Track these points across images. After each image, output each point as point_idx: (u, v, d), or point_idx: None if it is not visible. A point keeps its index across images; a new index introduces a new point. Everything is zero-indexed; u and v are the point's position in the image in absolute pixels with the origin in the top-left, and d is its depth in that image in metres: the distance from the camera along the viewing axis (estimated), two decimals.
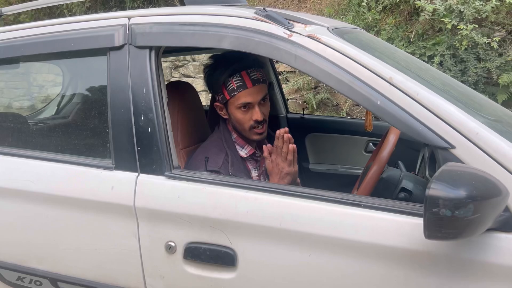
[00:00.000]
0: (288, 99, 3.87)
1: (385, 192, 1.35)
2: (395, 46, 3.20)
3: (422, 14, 2.98)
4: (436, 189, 0.86)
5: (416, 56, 3.12)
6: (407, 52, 3.16)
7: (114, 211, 1.31)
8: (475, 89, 2.98)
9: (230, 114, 1.55)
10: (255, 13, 1.29)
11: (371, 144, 2.37)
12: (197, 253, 1.23)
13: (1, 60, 1.60)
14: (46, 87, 5.13)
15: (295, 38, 1.21)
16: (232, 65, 1.49)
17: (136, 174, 1.31)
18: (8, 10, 1.78)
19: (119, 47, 1.36)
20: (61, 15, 5.37)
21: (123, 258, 1.31)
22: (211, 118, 1.84)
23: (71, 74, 2.32)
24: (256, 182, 1.34)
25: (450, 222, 0.86)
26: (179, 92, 1.66)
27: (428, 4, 2.89)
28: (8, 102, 4.96)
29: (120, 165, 1.33)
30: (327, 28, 1.27)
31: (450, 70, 2.87)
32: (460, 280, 1.03)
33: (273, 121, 2.55)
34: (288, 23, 1.26)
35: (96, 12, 5.29)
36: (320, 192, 1.16)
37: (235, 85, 1.49)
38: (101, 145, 1.41)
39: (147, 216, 1.28)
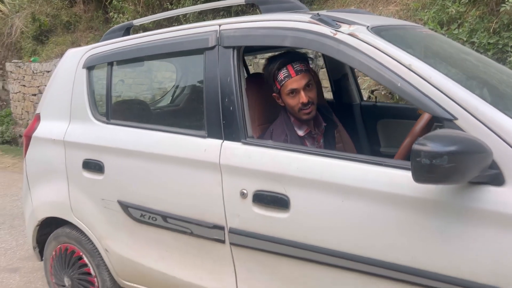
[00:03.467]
0: (374, 90, 4.10)
1: None
2: (477, 37, 3.28)
3: (502, 5, 3.02)
4: (419, 144, 1.18)
5: (499, 46, 3.17)
6: (489, 42, 3.23)
7: (206, 167, 1.79)
8: None
9: (284, 101, 1.94)
10: (311, 17, 1.67)
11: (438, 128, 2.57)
12: (262, 198, 1.66)
13: (132, 59, 2.21)
14: (164, 82, 5.98)
15: (339, 36, 1.57)
16: (279, 61, 1.88)
17: (221, 141, 1.79)
18: (137, 22, 2.39)
19: (212, 48, 1.84)
20: (177, 20, 6.18)
21: (211, 200, 1.79)
22: None
23: (181, 69, 2.92)
24: (303, 147, 1.71)
25: (429, 168, 1.16)
26: (258, 81, 2.11)
27: None
28: (135, 95, 5.92)
29: (211, 134, 1.82)
30: (367, 27, 1.60)
31: None
32: (455, 223, 1.30)
33: (348, 108, 2.89)
34: (336, 24, 1.62)
35: (206, 17, 6.01)
36: (350, 154, 1.51)
37: (283, 76, 1.88)
38: (198, 120, 1.92)
39: (228, 171, 1.74)
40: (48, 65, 7.99)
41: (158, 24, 6.15)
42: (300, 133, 1.98)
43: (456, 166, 1.17)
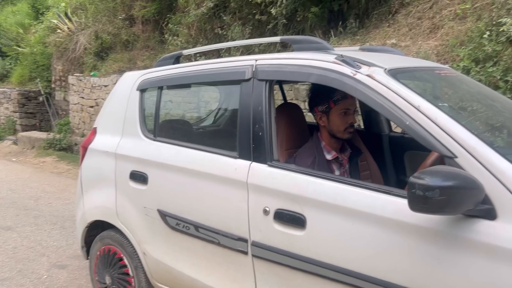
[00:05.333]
0: None
1: None
2: (511, 76, 3.34)
3: None
4: (415, 178, 1.34)
5: None
6: None
7: (235, 184, 2.02)
8: None
9: (330, 120, 2.14)
10: (335, 58, 1.87)
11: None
12: (282, 216, 1.85)
13: (179, 85, 2.49)
14: (210, 102, 6.34)
15: (358, 76, 1.76)
16: None
17: (250, 162, 2.01)
18: (186, 52, 2.69)
19: (248, 80, 2.09)
20: (224, 49, 6.57)
21: (237, 215, 2.00)
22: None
23: (222, 95, 3.20)
24: (321, 172, 1.89)
25: (423, 199, 1.32)
26: (287, 110, 2.33)
27: None
28: (182, 113, 6.31)
29: (241, 156, 2.05)
30: (385, 69, 1.78)
31: None
32: (451, 252, 1.44)
33: (377, 138, 3.04)
34: (357, 65, 1.81)
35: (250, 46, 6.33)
36: (361, 182, 1.69)
37: (340, 96, 2.10)
38: (232, 142, 2.15)
39: (254, 189, 1.95)
40: (106, 80, 8.63)
41: (204, 53, 6.55)
42: (328, 157, 2.17)
43: (447, 199, 1.32)
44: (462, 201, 1.35)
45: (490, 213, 1.40)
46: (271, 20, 6.05)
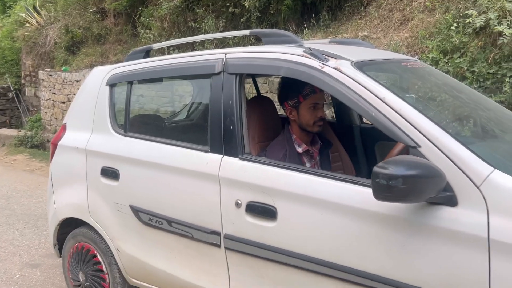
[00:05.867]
0: None
1: None
2: (478, 67, 3.44)
3: (500, 38, 3.18)
4: (379, 167, 1.37)
5: (498, 76, 3.32)
6: (489, 72, 3.39)
7: (207, 178, 2.02)
8: None
9: (300, 114, 2.16)
10: (303, 51, 1.89)
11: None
12: (254, 208, 1.87)
13: (149, 80, 2.47)
14: (185, 96, 6.29)
15: (325, 69, 1.79)
16: None
17: (222, 155, 2.01)
18: (156, 46, 2.66)
19: (218, 73, 2.08)
20: (198, 43, 6.52)
21: (210, 209, 2.01)
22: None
23: (195, 89, 3.19)
24: (291, 164, 1.91)
25: (386, 188, 1.36)
26: (259, 103, 2.34)
27: (507, 28, 3.09)
28: (156, 108, 6.24)
29: (213, 150, 2.05)
30: (351, 62, 1.81)
31: None
32: (415, 238, 1.49)
33: (348, 130, 3.09)
34: (325, 58, 1.84)
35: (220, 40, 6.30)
36: (329, 172, 1.72)
37: (308, 90, 2.12)
38: (203, 137, 2.15)
39: (226, 183, 1.96)
40: (78, 75, 8.45)
41: (178, 46, 6.49)
42: (299, 150, 2.20)
43: (410, 187, 1.36)
44: (424, 189, 1.39)
45: (451, 200, 1.45)
46: (244, 13, 6.04)
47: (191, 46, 6.59)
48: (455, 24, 3.71)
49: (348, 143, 2.90)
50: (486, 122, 2.03)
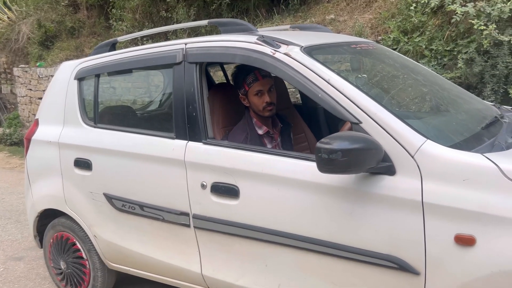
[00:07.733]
0: None
1: None
2: (436, 45, 3.59)
3: (453, 16, 3.34)
4: (321, 143, 1.51)
5: (454, 53, 3.48)
6: (446, 49, 3.55)
7: (174, 163, 2.14)
8: (505, 81, 3.26)
9: (250, 101, 2.29)
10: (257, 39, 2.00)
11: None
12: (218, 189, 2.00)
13: (115, 72, 2.56)
14: (160, 86, 6.35)
15: (277, 55, 1.91)
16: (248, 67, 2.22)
17: (186, 141, 2.13)
18: (121, 39, 2.75)
19: (179, 63, 2.19)
20: (171, 32, 6.55)
21: (178, 192, 2.14)
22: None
23: (165, 79, 3.29)
24: (251, 146, 2.04)
25: (328, 162, 1.50)
26: (222, 90, 2.46)
27: (459, 7, 3.25)
28: (134, 98, 6.29)
29: (178, 136, 2.17)
30: (301, 47, 1.93)
31: (481, 65, 3.20)
32: (359, 205, 1.64)
33: (313, 111, 3.22)
34: (277, 44, 1.96)
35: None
36: (285, 151, 1.86)
37: (251, 79, 2.23)
38: (169, 124, 2.26)
39: (191, 166, 2.09)
40: (53, 69, 8.40)
41: (151, 36, 6.52)
42: (260, 132, 2.33)
43: (350, 159, 1.50)
44: (364, 160, 1.54)
45: (390, 170, 1.60)
46: (215, 1, 6.09)
47: (165, 36, 6.62)
48: (414, 4, 3.85)
49: (314, 124, 3.05)
50: (431, 98, 2.19)
